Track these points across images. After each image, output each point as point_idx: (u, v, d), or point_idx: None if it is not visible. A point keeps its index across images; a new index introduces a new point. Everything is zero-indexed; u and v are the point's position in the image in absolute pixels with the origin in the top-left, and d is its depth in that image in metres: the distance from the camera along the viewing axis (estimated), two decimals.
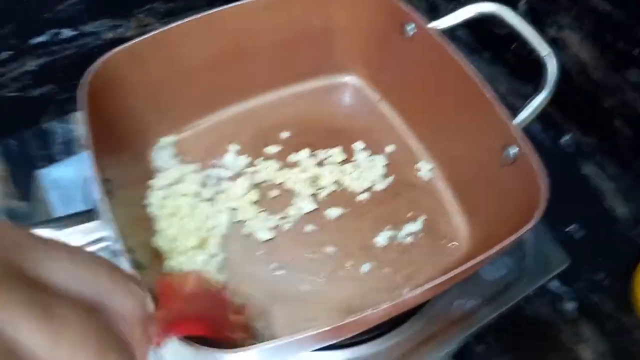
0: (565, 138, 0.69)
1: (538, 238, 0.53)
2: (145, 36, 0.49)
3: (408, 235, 0.52)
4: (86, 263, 0.23)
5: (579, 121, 0.68)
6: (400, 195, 0.55)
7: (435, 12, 0.81)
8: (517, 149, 0.44)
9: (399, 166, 0.57)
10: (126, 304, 0.24)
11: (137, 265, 0.37)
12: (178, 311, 0.34)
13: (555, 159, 0.66)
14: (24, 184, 0.60)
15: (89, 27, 0.58)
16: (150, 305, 0.28)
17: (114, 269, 0.24)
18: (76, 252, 0.23)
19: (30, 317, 0.19)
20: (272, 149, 0.57)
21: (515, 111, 0.69)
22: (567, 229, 0.59)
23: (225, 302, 0.42)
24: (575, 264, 0.53)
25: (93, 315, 0.22)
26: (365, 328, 0.39)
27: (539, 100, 0.45)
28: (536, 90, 0.46)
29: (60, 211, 0.52)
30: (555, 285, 0.55)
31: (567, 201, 0.61)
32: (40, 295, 0.20)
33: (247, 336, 0.43)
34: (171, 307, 0.34)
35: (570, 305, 0.54)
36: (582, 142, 0.67)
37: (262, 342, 0.34)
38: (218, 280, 0.48)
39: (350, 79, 0.63)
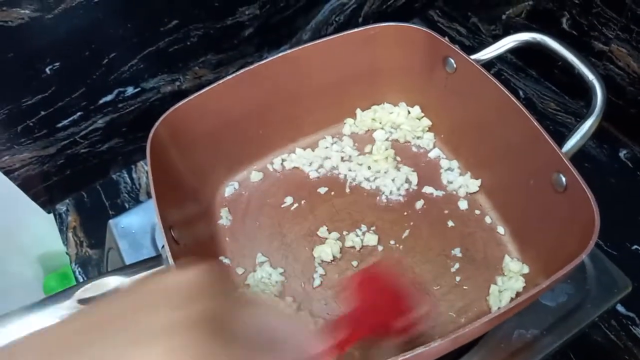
0: (624, 152, 0.67)
1: (598, 262, 0.52)
2: (202, 91, 0.52)
3: (460, 267, 0.52)
4: (263, 310, 0.26)
5: (636, 134, 0.66)
6: (450, 227, 0.55)
7: (477, 36, 0.82)
8: (567, 176, 0.43)
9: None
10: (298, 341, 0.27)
11: None
12: (363, 312, 0.36)
13: (614, 174, 0.64)
14: (96, 233, 0.65)
15: (149, 84, 0.63)
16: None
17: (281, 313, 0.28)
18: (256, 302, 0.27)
19: None
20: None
21: (565, 129, 0.69)
22: (630, 248, 0.57)
23: (400, 301, 0.42)
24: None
25: None
26: None
27: (586, 126, 0.44)
28: (586, 107, 0.45)
29: (130, 257, 0.55)
30: (622, 309, 0.53)
31: (628, 218, 0.60)
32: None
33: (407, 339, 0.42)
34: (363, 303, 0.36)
35: (639, 330, 0.52)
36: None
37: None
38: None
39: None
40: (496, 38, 0.52)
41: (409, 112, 0.63)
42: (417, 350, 0.35)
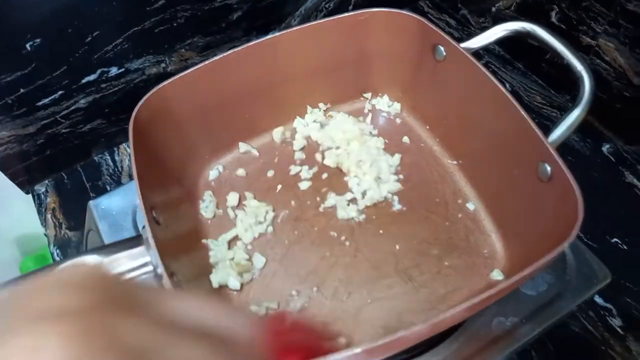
0: (607, 146, 0.67)
1: (578, 253, 0.52)
2: (187, 72, 0.51)
3: (442, 255, 0.52)
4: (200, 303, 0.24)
5: (620, 129, 0.67)
6: (434, 215, 0.55)
7: (466, 27, 0.82)
8: (552, 166, 0.43)
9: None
10: (235, 334, 0.25)
11: (177, 286, 0.39)
12: (283, 341, 0.36)
13: (596, 168, 0.65)
14: (75, 214, 0.64)
15: (134, 64, 0.62)
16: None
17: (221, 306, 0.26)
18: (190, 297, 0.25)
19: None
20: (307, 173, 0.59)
21: (550, 122, 0.69)
22: (610, 241, 0.58)
23: (317, 331, 0.43)
24: (619, 278, 0.52)
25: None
26: (400, 349, 0.39)
27: (573, 117, 0.44)
28: (571, 101, 0.45)
29: (110, 239, 0.54)
30: (599, 300, 0.54)
31: (609, 211, 0.60)
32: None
33: None
34: (277, 338, 0.35)
35: (616, 321, 0.53)
36: (625, 150, 0.66)
37: None
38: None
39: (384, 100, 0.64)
40: (485, 30, 0.52)
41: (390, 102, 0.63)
42: (397, 335, 0.35)
